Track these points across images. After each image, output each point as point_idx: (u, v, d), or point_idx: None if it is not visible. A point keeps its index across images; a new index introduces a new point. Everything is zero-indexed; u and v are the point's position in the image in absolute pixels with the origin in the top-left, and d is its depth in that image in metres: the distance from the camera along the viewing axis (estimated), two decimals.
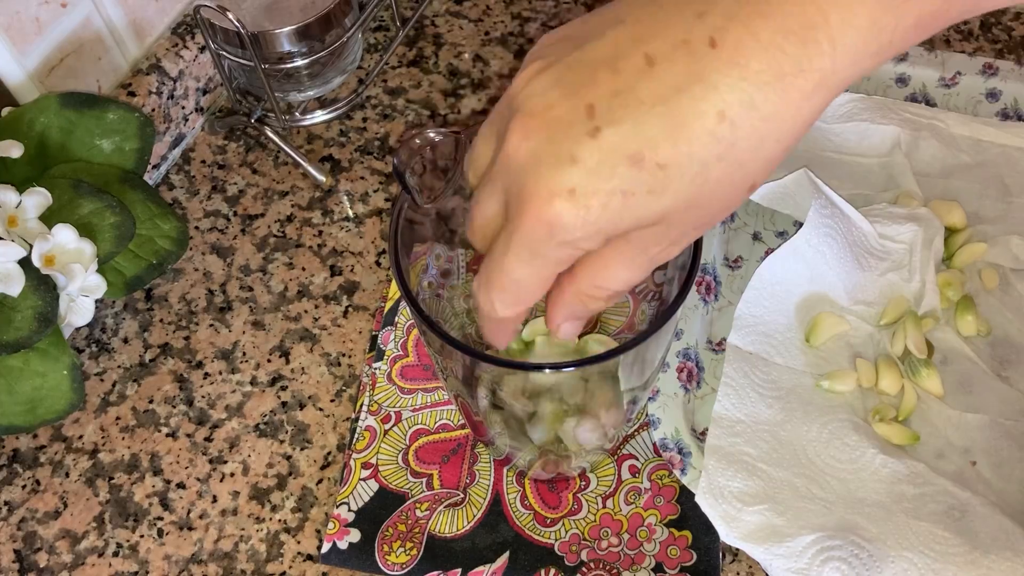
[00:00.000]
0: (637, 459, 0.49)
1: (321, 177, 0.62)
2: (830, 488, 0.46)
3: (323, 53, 0.59)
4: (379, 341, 0.53)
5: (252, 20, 0.59)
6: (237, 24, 0.54)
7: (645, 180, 0.27)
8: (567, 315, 0.33)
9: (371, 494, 0.48)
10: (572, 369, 0.36)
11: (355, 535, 0.47)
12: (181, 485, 0.50)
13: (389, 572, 0.46)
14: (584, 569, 0.46)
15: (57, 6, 0.54)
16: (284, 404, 0.53)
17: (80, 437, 0.52)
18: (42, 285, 0.46)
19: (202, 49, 0.63)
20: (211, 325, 0.56)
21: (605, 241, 0.29)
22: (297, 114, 0.63)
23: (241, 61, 0.58)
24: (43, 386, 0.49)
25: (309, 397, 0.53)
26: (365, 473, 0.49)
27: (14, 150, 0.48)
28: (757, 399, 0.49)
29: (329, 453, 0.51)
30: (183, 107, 0.63)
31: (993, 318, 0.52)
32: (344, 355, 0.55)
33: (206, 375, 0.54)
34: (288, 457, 0.51)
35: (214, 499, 0.50)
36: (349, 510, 0.48)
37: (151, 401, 0.53)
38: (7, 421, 0.48)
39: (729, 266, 0.55)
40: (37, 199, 0.47)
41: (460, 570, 0.46)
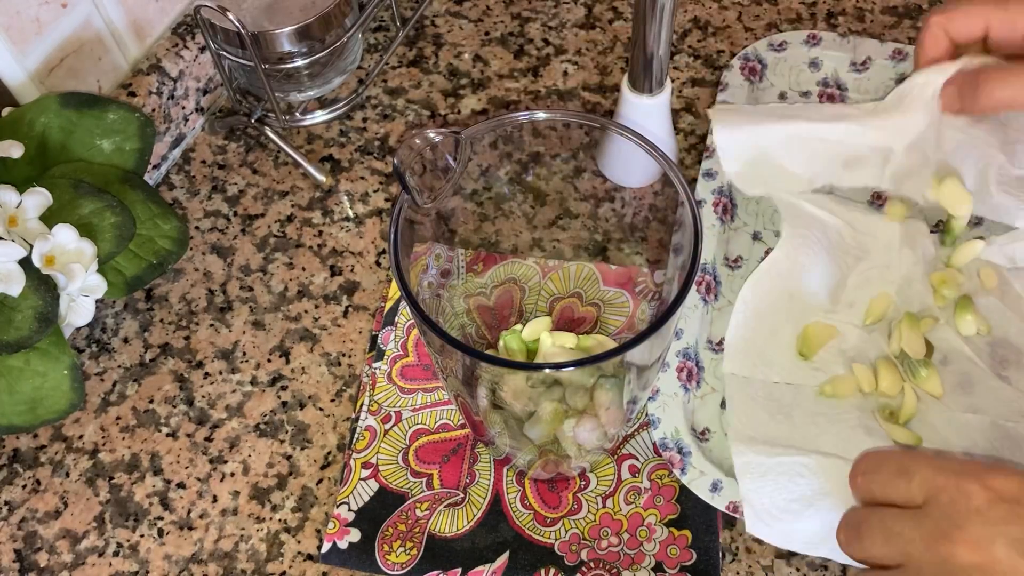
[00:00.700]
0: (637, 459, 0.49)
1: (321, 177, 0.62)
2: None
3: (323, 53, 0.59)
4: (379, 341, 0.53)
5: (252, 20, 0.59)
6: (237, 24, 0.54)
7: None
8: None
9: (371, 494, 0.48)
10: (572, 369, 0.36)
11: (355, 535, 0.47)
12: (181, 485, 0.50)
13: (389, 572, 0.46)
14: (584, 569, 0.46)
15: (57, 6, 0.54)
16: (284, 404, 0.53)
17: (80, 437, 0.52)
18: (42, 285, 0.46)
19: (202, 49, 0.63)
20: (211, 325, 0.56)
21: None
22: (297, 114, 0.63)
23: (241, 61, 0.58)
24: (43, 386, 0.49)
25: (309, 397, 0.53)
26: (365, 473, 0.49)
27: (14, 150, 0.48)
28: (767, 419, 0.48)
29: (329, 453, 0.51)
30: (183, 107, 0.63)
31: (993, 318, 0.52)
32: (344, 355, 0.55)
33: (206, 375, 0.54)
34: (288, 457, 0.51)
35: (214, 499, 0.50)
36: (349, 510, 0.48)
37: (151, 401, 0.53)
38: (7, 421, 0.48)
39: (729, 266, 0.55)
40: (37, 199, 0.47)
41: (460, 570, 0.46)
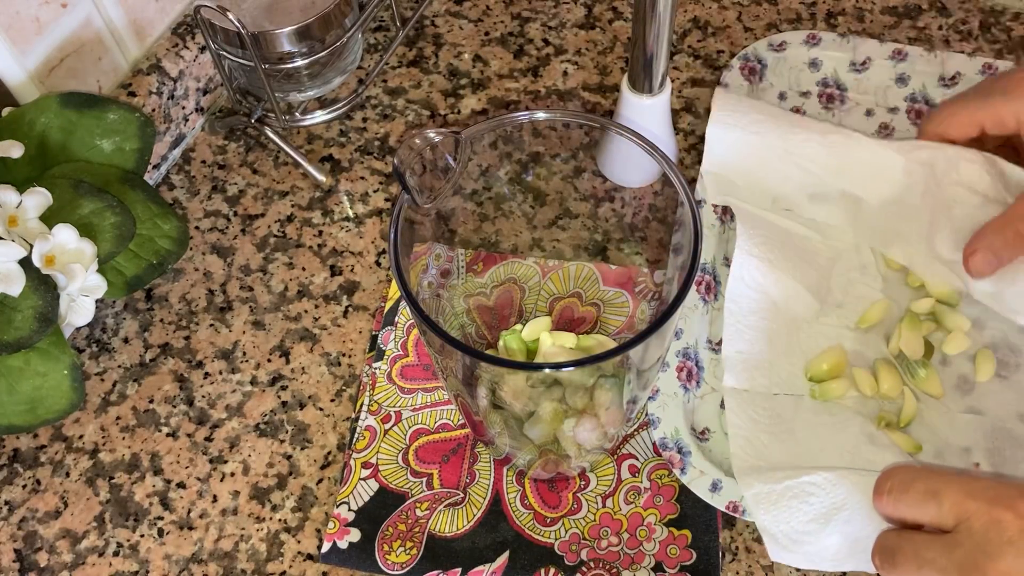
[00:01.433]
0: (637, 459, 0.49)
1: (321, 177, 0.62)
2: (866, 493, 0.44)
3: (323, 53, 0.59)
4: (379, 341, 0.54)
5: (252, 20, 0.59)
6: (237, 24, 0.54)
7: None
8: None
9: (371, 494, 0.48)
10: (572, 369, 0.36)
11: (355, 535, 0.47)
12: (181, 485, 0.50)
13: (389, 572, 0.46)
14: (584, 568, 0.46)
15: (57, 6, 0.54)
16: (284, 404, 0.53)
17: (80, 437, 0.52)
18: (42, 285, 0.46)
19: (202, 49, 0.63)
20: (211, 325, 0.56)
21: None
22: (297, 114, 0.63)
23: (241, 61, 0.58)
24: (43, 386, 0.49)
25: (309, 397, 0.53)
26: (365, 473, 0.49)
27: (14, 150, 0.48)
28: (769, 441, 0.47)
29: (329, 453, 0.51)
30: (183, 107, 0.63)
31: (992, 318, 0.52)
32: (344, 355, 0.55)
33: (206, 375, 0.54)
34: (288, 457, 0.51)
35: (214, 499, 0.50)
36: (349, 509, 0.48)
37: (151, 401, 0.53)
38: (7, 421, 0.48)
39: (728, 266, 0.55)
40: (37, 199, 0.47)
41: (460, 570, 0.46)
